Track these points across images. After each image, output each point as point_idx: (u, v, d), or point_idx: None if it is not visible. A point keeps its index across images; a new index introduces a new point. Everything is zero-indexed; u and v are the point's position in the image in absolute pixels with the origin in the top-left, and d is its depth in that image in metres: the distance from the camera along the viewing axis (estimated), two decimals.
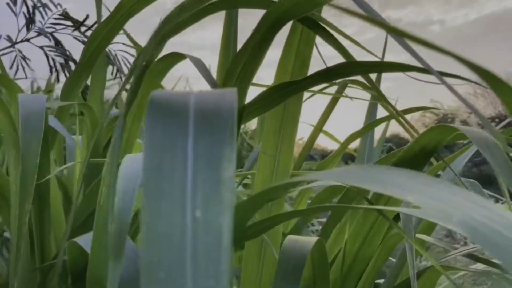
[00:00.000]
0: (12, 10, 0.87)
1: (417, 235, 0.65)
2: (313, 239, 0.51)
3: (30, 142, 0.45)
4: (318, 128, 0.84)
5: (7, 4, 0.87)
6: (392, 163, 0.54)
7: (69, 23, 0.95)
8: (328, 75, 0.53)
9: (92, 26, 0.96)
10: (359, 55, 0.55)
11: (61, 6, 0.95)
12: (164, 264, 0.17)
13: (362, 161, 0.96)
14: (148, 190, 0.20)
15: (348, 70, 0.52)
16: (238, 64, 0.52)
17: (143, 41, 0.86)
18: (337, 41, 0.53)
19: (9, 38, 0.86)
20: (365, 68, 0.52)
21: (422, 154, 0.53)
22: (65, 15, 0.94)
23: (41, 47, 0.89)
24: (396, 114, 0.57)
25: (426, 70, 0.47)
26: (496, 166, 0.40)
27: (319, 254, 0.54)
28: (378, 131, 1.10)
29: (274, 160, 0.62)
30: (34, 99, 0.50)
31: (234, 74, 0.53)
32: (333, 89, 0.82)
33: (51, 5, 0.93)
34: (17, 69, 0.91)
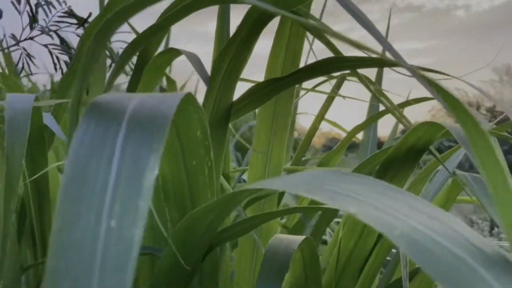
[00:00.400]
0: (16, 9, 0.88)
1: None
2: (300, 238, 0.50)
3: (15, 142, 0.45)
4: (318, 120, 0.83)
5: (12, 2, 0.88)
6: (382, 161, 0.53)
7: (74, 20, 0.95)
8: (314, 70, 0.52)
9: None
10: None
11: (65, 4, 0.96)
12: (71, 273, 0.17)
13: (366, 152, 0.95)
14: (67, 194, 0.19)
15: (334, 65, 0.51)
16: (224, 60, 0.52)
17: None
18: (324, 36, 0.52)
19: (13, 37, 0.88)
20: (352, 63, 0.51)
21: (412, 151, 0.52)
22: (69, 13, 0.95)
23: (45, 45, 0.90)
24: (397, 108, 0.55)
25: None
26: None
27: (309, 252, 0.53)
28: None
29: (267, 156, 0.62)
30: (21, 99, 0.50)
31: (221, 71, 0.52)
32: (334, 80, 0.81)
33: (56, 3, 0.94)
34: (23, 66, 0.92)
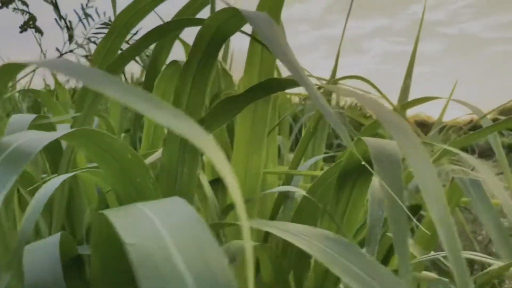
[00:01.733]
0: (59, 25, 1.00)
1: None
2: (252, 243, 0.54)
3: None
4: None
5: (55, 20, 1.00)
6: (337, 175, 0.55)
7: None
8: (268, 88, 0.55)
9: (135, 33, 1.06)
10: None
11: (104, 15, 1.06)
12: None
13: None
14: None
15: (286, 84, 0.54)
16: (186, 82, 0.56)
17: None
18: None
19: (57, 50, 1.00)
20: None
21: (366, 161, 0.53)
22: (108, 24, 1.05)
23: (85, 56, 1.01)
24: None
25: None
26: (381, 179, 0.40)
27: (269, 256, 0.57)
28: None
29: (246, 163, 0.66)
30: (22, 119, 0.59)
31: (185, 92, 0.57)
32: None
33: (96, 16, 1.04)
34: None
